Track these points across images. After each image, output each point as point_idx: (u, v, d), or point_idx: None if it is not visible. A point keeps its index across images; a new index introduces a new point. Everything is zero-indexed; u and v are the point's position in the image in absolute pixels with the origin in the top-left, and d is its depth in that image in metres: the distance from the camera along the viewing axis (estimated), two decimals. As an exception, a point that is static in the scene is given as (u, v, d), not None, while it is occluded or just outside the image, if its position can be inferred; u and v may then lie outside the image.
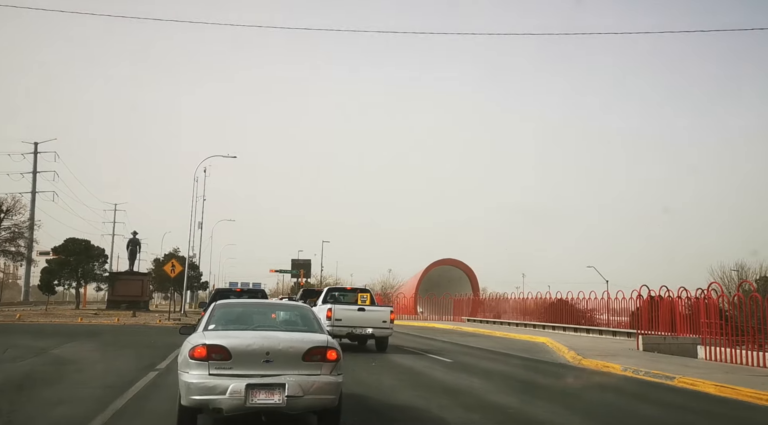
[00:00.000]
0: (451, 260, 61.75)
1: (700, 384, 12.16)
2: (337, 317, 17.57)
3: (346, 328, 17.56)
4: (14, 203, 39.71)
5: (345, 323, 17.54)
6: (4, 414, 7.48)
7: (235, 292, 22.63)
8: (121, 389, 9.28)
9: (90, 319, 32.05)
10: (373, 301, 19.83)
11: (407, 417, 7.95)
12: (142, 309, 44.80)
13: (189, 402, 6.11)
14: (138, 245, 53.73)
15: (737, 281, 39.02)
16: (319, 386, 6.25)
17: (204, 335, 6.53)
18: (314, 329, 7.17)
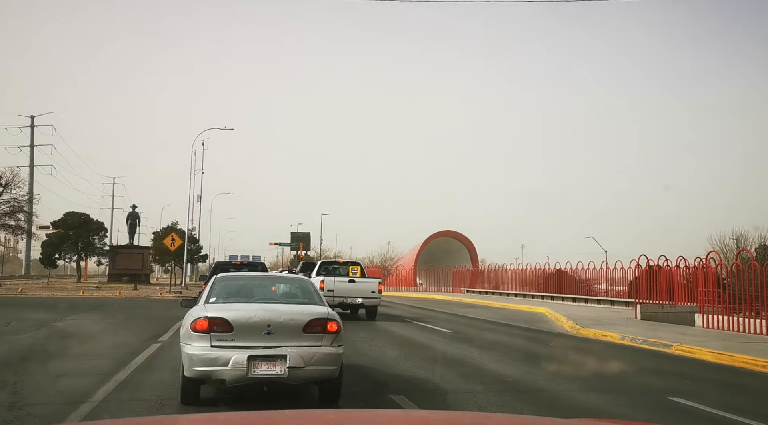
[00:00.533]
0: (450, 232, 61.93)
1: (697, 351, 12.30)
2: (329, 288, 18.84)
3: (337, 298, 18.84)
4: (13, 176, 39.64)
5: (337, 293, 18.89)
6: (9, 385, 7.57)
7: (235, 265, 22.70)
8: (124, 361, 9.37)
9: (92, 292, 32.24)
10: (363, 273, 21.40)
11: (408, 387, 8.04)
12: (143, 282, 45.06)
13: (192, 373, 6.18)
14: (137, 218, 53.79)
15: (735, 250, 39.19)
16: (320, 357, 6.31)
17: (205, 307, 6.57)
18: (314, 301, 7.21)
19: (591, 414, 6.83)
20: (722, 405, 7.57)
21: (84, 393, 7.06)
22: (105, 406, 6.55)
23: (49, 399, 6.94)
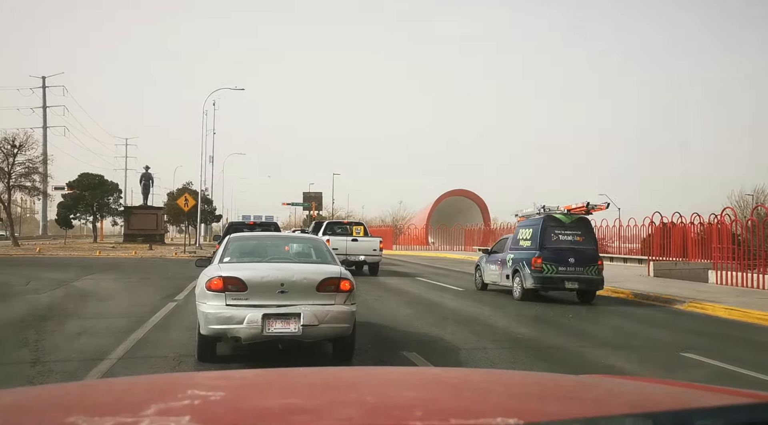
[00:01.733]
0: (461, 191, 61.74)
1: (709, 307, 12.32)
2: (334, 246, 19.79)
3: (341, 256, 19.83)
4: (26, 138, 39.76)
5: (341, 251, 19.71)
6: (31, 343, 7.75)
7: (249, 225, 22.87)
8: (142, 319, 9.54)
9: (108, 252, 32.71)
10: (366, 233, 22.69)
11: (421, 344, 8.14)
12: (157, 243, 45.60)
13: (208, 331, 6.28)
14: (151, 179, 54.17)
15: (752, 205, 38.79)
16: (333, 315, 6.38)
17: (220, 267, 6.63)
18: (327, 260, 7.25)
19: (602, 369, 6.89)
20: (733, 359, 7.61)
21: (103, 350, 7.21)
22: (123, 363, 6.69)
23: (70, 356, 7.09)
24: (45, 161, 43.67)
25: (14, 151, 37.80)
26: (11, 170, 37.91)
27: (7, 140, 37.74)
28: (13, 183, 38.97)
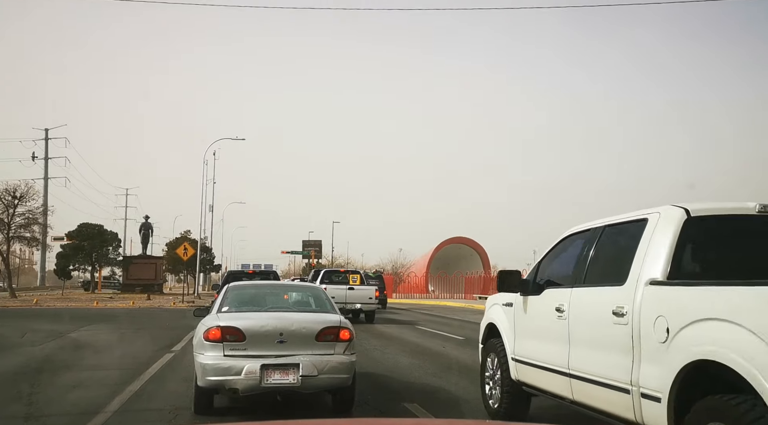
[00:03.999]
0: (461, 238, 61.76)
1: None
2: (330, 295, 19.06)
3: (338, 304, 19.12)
4: (27, 189, 39.94)
5: (337, 300, 19.95)
6: (25, 396, 7.60)
7: (248, 274, 22.83)
8: (138, 371, 9.39)
9: (105, 303, 32.45)
10: (363, 281, 22.87)
11: (422, 395, 8.00)
12: (156, 292, 45.28)
13: (205, 382, 6.18)
14: (150, 229, 54.23)
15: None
16: (333, 365, 6.29)
17: (218, 317, 6.58)
18: (327, 309, 7.21)
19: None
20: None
21: (98, 403, 7.06)
22: (118, 417, 6.55)
23: (64, 410, 6.96)
24: (45, 212, 43.79)
25: (15, 202, 37.95)
26: (11, 221, 37.96)
27: (8, 191, 37.95)
28: (13, 234, 38.97)
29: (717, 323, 3.52)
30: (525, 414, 6.25)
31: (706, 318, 3.61)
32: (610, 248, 5.06)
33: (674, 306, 3.94)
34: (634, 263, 4.43)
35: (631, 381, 4.20)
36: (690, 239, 4.34)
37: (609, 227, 5.14)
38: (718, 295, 3.69)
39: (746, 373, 3.23)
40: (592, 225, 5.39)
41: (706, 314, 3.63)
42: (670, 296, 4.08)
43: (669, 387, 3.80)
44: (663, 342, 3.92)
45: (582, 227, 5.62)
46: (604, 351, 4.57)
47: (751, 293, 3.51)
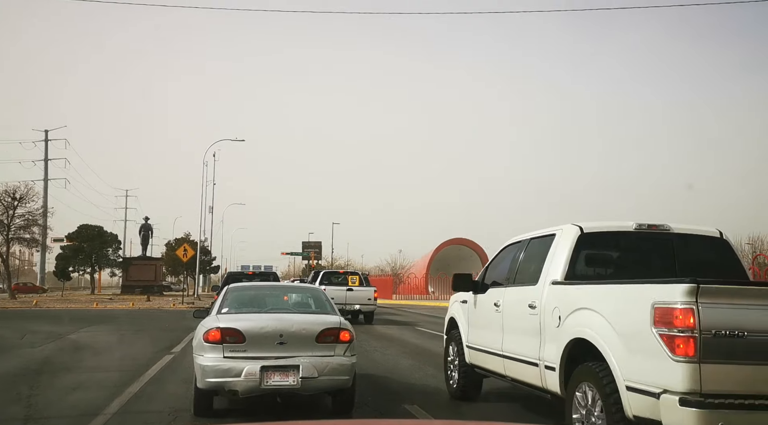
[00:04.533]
0: (461, 239, 61.68)
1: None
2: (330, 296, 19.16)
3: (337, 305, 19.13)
4: (27, 190, 39.98)
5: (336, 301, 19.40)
6: (24, 398, 7.58)
7: (248, 275, 22.76)
8: (138, 372, 9.38)
9: (105, 304, 32.44)
10: (362, 282, 22.70)
11: (422, 396, 7.98)
12: (156, 294, 45.27)
13: (205, 384, 6.16)
14: (150, 230, 54.23)
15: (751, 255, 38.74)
16: (333, 367, 6.27)
17: (218, 318, 6.57)
18: (327, 310, 7.20)
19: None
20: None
21: (97, 405, 7.05)
22: (118, 418, 6.53)
23: (63, 412, 6.94)
24: (45, 213, 43.79)
25: (14, 203, 37.95)
26: (11, 223, 37.95)
27: (7, 193, 37.96)
28: (12, 236, 38.96)
29: (586, 311, 4.91)
30: (478, 392, 7.61)
31: (580, 308, 5.00)
32: (531, 256, 6.36)
33: (564, 300, 5.31)
34: (544, 268, 5.82)
35: (539, 357, 5.59)
36: (582, 250, 5.72)
37: (533, 239, 6.53)
38: (587, 291, 5.22)
39: (599, 346, 4.63)
40: (523, 237, 6.81)
41: (580, 305, 5.03)
42: (563, 292, 5.45)
43: (560, 360, 5.21)
44: (557, 327, 5.30)
45: (516, 238, 7.05)
46: (524, 336, 5.91)
47: (602, 289, 5.13)
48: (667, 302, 4.09)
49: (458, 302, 7.97)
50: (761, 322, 3.98)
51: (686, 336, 3.93)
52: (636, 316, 4.32)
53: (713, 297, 4.00)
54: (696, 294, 3.95)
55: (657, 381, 4.08)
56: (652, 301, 4.20)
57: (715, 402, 3.86)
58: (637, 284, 4.75)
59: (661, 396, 4.03)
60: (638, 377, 4.27)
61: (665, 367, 4.02)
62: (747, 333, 3.94)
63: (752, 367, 3.97)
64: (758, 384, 3.97)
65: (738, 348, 3.94)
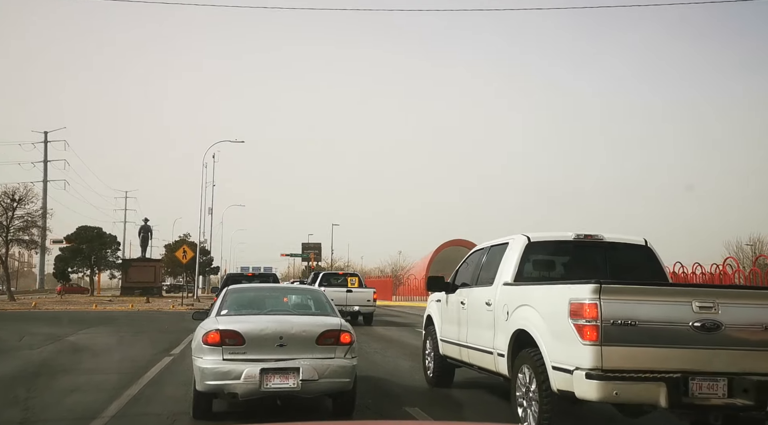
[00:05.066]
0: (461, 240, 61.65)
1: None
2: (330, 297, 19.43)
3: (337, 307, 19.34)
4: (26, 192, 39.88)
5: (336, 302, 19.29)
6: (21, 401, 7.51)
7: (247, 276, 22.66)
8: (137, 375, 9.31)
9: (104, 306, 32.35)
10: (361, 284, 22.75)
11: (423, 398, 7.92)
12: (155, 295, 45.17)
13: (204, 387, 6.09)
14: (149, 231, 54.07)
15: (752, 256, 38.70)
16: (333, 369, 6.21)
17: (217, 320, 6.50)
18: (327, 312, 7.13)
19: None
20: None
21: (95, 408, 6.98)
22: (116, 421, 6.47)
23: (60, 415, 6.88)
24: (44, 215, 43.72)
25: (13, 205, 37.86)
26: (9, 224, 37.88)
27: (6, 194, 37.87)
28: (11, 237, 38.87)
29: (526, 307, 6.00)
30: (450, 380, 8.72)
31: (522, 305, 6.09)
32: (490, 261, 7.40)
33: (511, 298, 6.39)
34: (498, 271, 6.93)
35: (493, 346, 6.67)
36: (529, 256, 6.85)
37: (492, 246, 7.61)
38: (526, 291, 6.31)
39: (534, 335, 5.70)
40: (485, 245, 7.95)
41: (522, 302, 6.11)
42: (510, 292, 6.53)
43: (507, 348, 6.29)
44: (506, 321, 6.35)
45: (481, 245, 8.22)
46: (482, 329, 6.97)
47: (537, 289, 6.29)
48: (578, 298, 5.11)
49: (434, 302, 9.09)
50: (648, 313, 5.02)
51: (592, 324, 4.97)
52: (559, 310, 5.33)
53: (613, 294, 5.02)
54: (599, 292, 4.98)
55: (571, 361, 5.11)
56: (569, 298, 5.21)
57: (612, 376, 4.92)
58: (559, 284, 5.91)
59: (574, 372, 5.07)
60: (560, 359, 5.29)
61: (577, 350, 5.06)
62: (638, 321, 4.99)
63: (640, 348, 5.00)
64: (645, 362, 4.99)
65: (631, 334, 4.97)
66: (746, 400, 4.95)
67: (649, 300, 5.10)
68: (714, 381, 5.01)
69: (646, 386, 4.93)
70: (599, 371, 4.93)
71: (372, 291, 22.09)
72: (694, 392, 4.96)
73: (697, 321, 5.01)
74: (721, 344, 5.04)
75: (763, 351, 5.12)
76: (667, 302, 5.11)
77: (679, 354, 5.02)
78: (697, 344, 5.02)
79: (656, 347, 5.01)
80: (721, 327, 5.03)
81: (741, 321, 5.12)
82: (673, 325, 5.02)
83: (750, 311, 5.15)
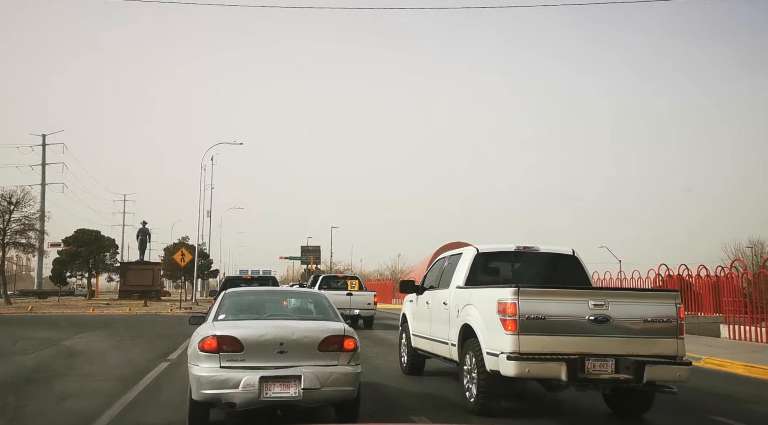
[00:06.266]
0: (459, 243, 61.05)
1: (728, 364, 11.78)
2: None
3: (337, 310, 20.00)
4: (23, 194, 39.48)
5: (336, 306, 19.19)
6: (10, 409, 7.21)
7: (246, 279, 22.36)
8: (132, 381, 9.03)
9: (102, 309, 32.01)
10: (362, 287, 22.53)
11: (429, 407, 7.64)
12: (153, 298, 44.81)
13: (200, 396, 5.79)
14: (148, 234, 53.70)
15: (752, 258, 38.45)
16: (336, 377, 5.91)
17: (214, 325, 6.20)
18: (330, 317, 6.83)
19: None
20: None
21: (88, 416, 6.71)
22: (109, 432, 6.17)
23: (51, 423, 6.59)
24: (42, 218, 43.33)
25: (10, 208, 37.51)
26: (6, 227, 37.53)
27: (3, 197, 37.52)
28: (8, 240, 38.53)
29: (470, 306, 7.50)
30: (421, 369, 10.08)
31: (468, 304, 7.58)
32: (449, 268, 8.96)
33: (461, 299, 7.91)
34: (453, 277, 8.54)
35: (448, 338, 8.18)
36: (478, 264, 8.40)
37: (452, 255, 9.31)
38: (471, 293, 7.74)
39: (475, 328, 7.19)
40: (447, 254, 9.65)
41: (468, 302, 7.61)
42: (460, 293, 8.06)
43: (457, 338, 7.77)
44: (456, 317, 7.84)
45: (443, 254, 9.90)
46: (441, 324, 8.50)
47: (477, 291, 7.57)
48: (503, 299, 6.61)
49: (408, 302, 10.58)
50: (554, 310, 6.53)
51: (512, 319, 6.49)
52: (490, 308, 6.83)
53: (528, 296, 6.53)
54: (518, 294, 6.50)
55: (498, 347, 6.63)
56: (497, 299, 6.73)
57: (526, 357, 6.43)
58: (491, 288, 7.26)
59: (500, 355, 6.57)
60: (491, 346, 6.80)
61: (502, 338, 6.59)
62: (546, 316, 6.51)
63: (548, 336, 6.50)
64: (551, 347, 6.48)
65: (541, 326, 6.49)
66: (628, 375, 6.45)
67: (555, 300, 6.58)
68: (604, 360, 6.50)
69: (551, 365, 6.38)
70: (517, 354, 6.43)
71: (372, 294, 21.88)
72: (589, 369, 6.45)
73: (592, 315, 6.52)
74: (610, 333, 6.53)
75: (641, 338, 6.62)
76: (569, 301, 6.59)
77: (578, 340, 6.48)
78: (592, 333, 6.50)
79: (560, 335, 6.48)
80: (611, 320, 6.53)
81: (626, 315, 6.59)
82: (574, 318, 6.50)
83: (633, 308, 6.66)
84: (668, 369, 6.54)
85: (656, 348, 6.60)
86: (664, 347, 6.62)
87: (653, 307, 6.70)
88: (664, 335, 6.65)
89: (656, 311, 6.67)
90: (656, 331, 6.63)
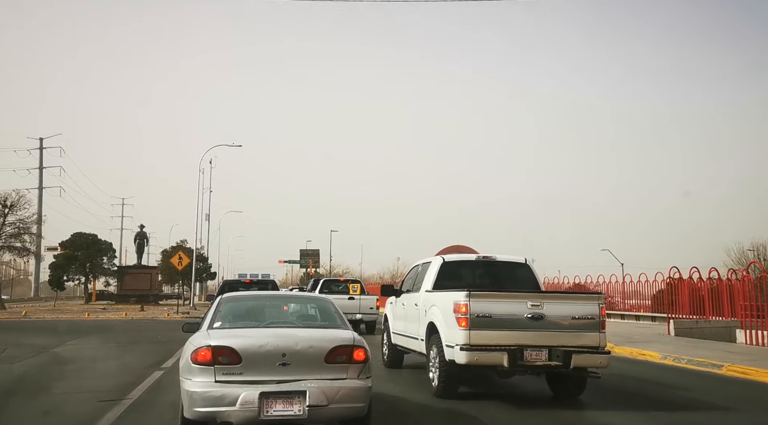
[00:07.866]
0: (459, 247, 60.23)
1: (752, 372, 11.15)
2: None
3: None
4: (18, 198, 38.80)
5: None
6: None
7: (244, 283, 21.62)
8: (122, 392, 8.42)
9: (97, 314, 31.35)
10: (363, 290, 22.06)
11: (441, 421, 7.03)
12: (151, 303, 44.11)
13: (193, 414, 5.17)
14: (145, 238, 53.07)
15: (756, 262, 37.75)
16: (345, 392, 5.30)
17: (208, 334, 5.58)
18: (337, 324, 6.20)
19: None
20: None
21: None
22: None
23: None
24: (39, 221, 42.72)
25: (5, 211, 36.84)
26: (1, 231, 36.86)
27: (-2, 200, 36.83)
28: (3, 244, 37.85)
29: (434, 307, 8.85)
30: (401, 363, 11.37)
31: (433, 305, 8.93)
32: (421, 273, 10.32)
33: (428, 301, 9.23)
34: (423, 282, 9.92)
35: (419, 334, 9.50)
36: (444, 271, 9.68)
37: (424, 263, 10.61)
38: (435, 296, 9.06)
39: (437, 325, 8.59)
40: (420, 261, 10.97)
41: (433, 303, 8.99)
42: (428, 296, 9.38)
43: (425, 334, 9.13)
44: (425, 316, 9.16)
45: (417, 262, 11.25)
46: (413, 323, 9.84)
47: (439, 294, 8.94)
48: (458, 300, 7.95)
49: (389, 304, 12.00)
50: (499, 309, 7.90)
51: (464, 317, 7.82)
52: (448, 308, 8.18)
53: (477, 298, 7.88)
54: (469, 296, 7.85)
55: (454, 340, 7.96)
56: (453, 300, 8.09)
57: (475, 348, 7.77)
58: (449, 291, 8.60)
59: (455, 347, 7.90)
60: (449, 339, 8.10)
61: (456, 333, 7.93)
62: (492, 315, 7.87)
63: (493, 331, 7.84)
64: (495, 339, 7.81)
65: (487, 323, 7.83)
66: (558, 362, 7.78)
67: (500, 301, 7.96)
68: (539, 351, 7.80)
69: (496, 354, 7.73)
70: (468, 345, 7.76)
71: (375, 298, 21.33)
72: (526, 358, 7.78)
73: (529, 314, 7.88)
74: (544, 328, 7.86)
75: (570, 332, 7.96)
76: (511, 301, 7.96)
77: (518, 334, 7.81)
78: (529, 328, 7.83)
79: (503, 330, 7.82)
80: (545, 317, 7.88)
81: (558, 314, 7.95)
82: (515, 316, 7.85)
83: (564, 307, 8.05)
84: (591, 357, 7.88)
85: (582, 340, 7.93)
86: (588, 339, 7.96)
87: (580, 307, 8.05)
88: (589, 329, 7.98)
89: (583, 310, 8.01)
90: (582, 326, 7.97)
